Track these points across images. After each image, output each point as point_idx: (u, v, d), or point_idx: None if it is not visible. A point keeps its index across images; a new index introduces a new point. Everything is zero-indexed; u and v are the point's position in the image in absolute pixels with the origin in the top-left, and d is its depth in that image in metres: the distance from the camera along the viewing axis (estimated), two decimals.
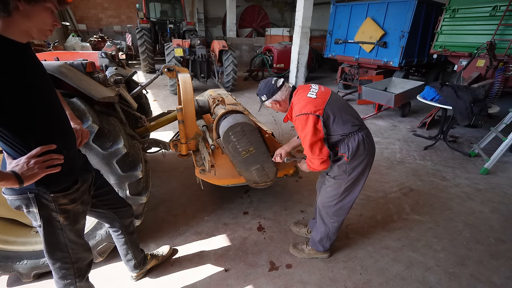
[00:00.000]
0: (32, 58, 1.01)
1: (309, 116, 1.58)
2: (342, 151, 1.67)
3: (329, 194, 1.83)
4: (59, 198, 1.11)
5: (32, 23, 0.91)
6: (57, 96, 1.13)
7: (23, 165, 0.95)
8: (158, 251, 2.02)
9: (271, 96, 1.76)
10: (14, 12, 0.85)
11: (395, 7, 6.07)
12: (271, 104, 1.80)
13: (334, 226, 1.92)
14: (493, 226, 2.53)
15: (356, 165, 1.68)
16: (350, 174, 1.71)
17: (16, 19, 0.87)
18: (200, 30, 13.86)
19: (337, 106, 1.66)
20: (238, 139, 2.01)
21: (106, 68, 2.41)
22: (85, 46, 8.62)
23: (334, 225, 1.92)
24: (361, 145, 1.64)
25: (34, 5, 0.87)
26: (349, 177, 1.72)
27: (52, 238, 1.18)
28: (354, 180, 1.73)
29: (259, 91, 1.81)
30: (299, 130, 1.64)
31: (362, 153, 1.66)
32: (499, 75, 4.37)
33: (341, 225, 1.97)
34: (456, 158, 3.92)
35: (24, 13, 0.87)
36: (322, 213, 1.92)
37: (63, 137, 1.12)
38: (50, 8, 0.92)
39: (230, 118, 2.05)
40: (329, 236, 1.97)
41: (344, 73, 7.45)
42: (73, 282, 1.31)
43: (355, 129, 1.65)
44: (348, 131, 1.64)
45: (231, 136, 1.99)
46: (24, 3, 0.85)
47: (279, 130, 4.72)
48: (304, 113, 1.59)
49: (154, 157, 3.44)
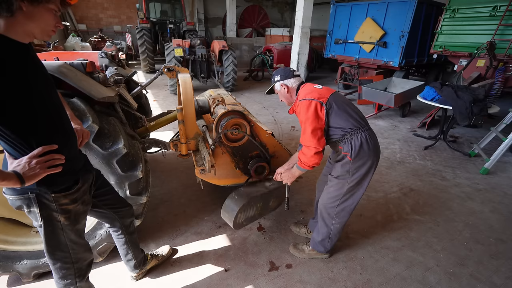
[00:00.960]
0: (34, 59, 1.01)
1: (313, 102, 1.62)
2: (346, 149, 1.67)
3: (332, 195, 1.81)
4: (60, 198, 1.11)
5: (35, 24, 0.91)
6: (58, 97, 1.13)
7: (24, 165, 0.95)
8: (158, 251, 2.02)
9: (284, 79, 1.82)
10: (17, 13, 0.85)
11: (395, 7, 6.07)
12: (280, 86, 1.83)
13: (336, 227, 1.91)
14: (493, 226, 2.53)
15: (360, 165, 1.68)
16: (354, 175, 1.70)
17: (19, 19, 0.87)
18: (200, 30, 13.86)
19: (341, 100, 1.72)
20: (247, 213, 2.09)
21: (106, 68, 2.41)
22: (85, 46, 8.60)
23: (336, 226, 1.90)
24: (365, 144, 1.64)
25: (37, 6, 0.88)
26: (352, 177, 1.71)
27: (52, 238, 1.18)
28: (358, 181, 1.72)
29: (275, 72, 1.87)
30: (301, 115, 1.66)
31: (366, 153, 1.65)
32: (499, 75, 4.36)
33: (344, 226, 1.95)
34: (456, 158, 3.92)
35: (27, 14, 0.87)
36: (323, 214, 1.90)
37: (65, 137, 1.12)
38: (53, 9, 0.92)
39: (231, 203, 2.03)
40: (331, 237, 1.95)
41: (344, 73, 7.45)
42: (73, 282, 1.31)
43: (358, 127, 1.65)
44: (351, 128, 1.65)
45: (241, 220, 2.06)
46: (27, 4, 0.85)
47: (279, 130, 4.72)
48: (308, 99, 1.64)
49: (154, 157, 3.44)
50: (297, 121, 5.21)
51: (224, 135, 2.02)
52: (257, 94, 7.22)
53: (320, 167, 2.07)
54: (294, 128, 4.86)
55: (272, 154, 2.30)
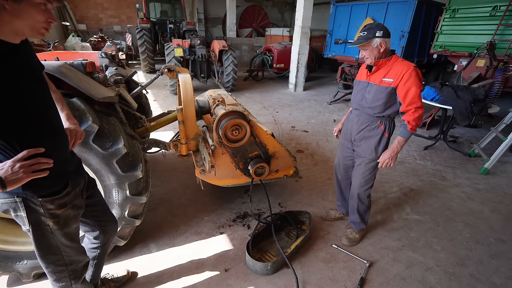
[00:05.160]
0: (24, 59, 0.97)
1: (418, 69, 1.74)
2: (385, 126, 1.91)
3: (368, 178, 2.05)
4: (47, 203, 1.07)
5: (22, 22, 0.86)
6: (50, 97, 1.10)
7: (7, 169, 0.90)
8: (113, 275, 1.80)
9: (386, 37, 1.75)
10: (1, 12, 0.82)
11: (395, 7, 6.06)
12: (379, 42, 1.74)
13: (368, 199, 2.17)
14: (493, 226, 2.53)
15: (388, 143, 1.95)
16: (382, 151, 1.96)
17: (4, 18, 0.83)
18: (200, 30, 13.85)
19: None
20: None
21: (106, 68, 2.41)
22: (85, 46, 8.60)
23: (368, 198, 2.16)
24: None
25: (21, 3, 0.83)
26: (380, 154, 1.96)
27: (42, 241, 1.13)
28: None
29: (375, 26, 1.74)
30: (412, 79, 1.70)
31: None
32: (499, 75, 4.37)
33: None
34: (456, 158, 3.92)
35: (12, 12, 0.83)
36: (361, 196, 2.11)
37: (53, 140, 1.08)
38: (40, 3, 0.86)
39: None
40: (368, 209, 2.21)
41: (344, 73, 7.44)
42: (68, 284, 1.26)
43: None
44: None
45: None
46: (11, 1, 0.81)
47: (279, 130, 4.72)
48: (416, 65, 1.74)
49: (154, 157, 3.44)
50: (297, 121, 5.22)
51: (224, 136, 2.02)
52: (257, 94, 7.22)
53: (320, 166, 2.06)
54: (294, 128, 4.86)
55: (272, 154, 2.31)
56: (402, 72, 1.72)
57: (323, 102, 6.78)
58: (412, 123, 1.76)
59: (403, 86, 1.72)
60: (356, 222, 2.23)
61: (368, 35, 1.73)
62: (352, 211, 2.22)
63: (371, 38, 1.73)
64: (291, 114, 5.67)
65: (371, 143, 1.95)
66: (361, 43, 1.75)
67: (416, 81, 1.71)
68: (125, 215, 1.82)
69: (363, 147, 2.00)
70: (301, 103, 6.57)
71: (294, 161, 2.44)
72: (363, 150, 2.01)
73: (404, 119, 1.80)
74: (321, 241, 2.27)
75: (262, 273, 1.93)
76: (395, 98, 1.81)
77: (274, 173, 2.40)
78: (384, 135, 1.92)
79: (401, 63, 1.77)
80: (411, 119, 1.76)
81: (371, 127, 1.94)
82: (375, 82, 1.85)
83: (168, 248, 2.15)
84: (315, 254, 2.14)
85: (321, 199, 2.82)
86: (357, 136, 2.03)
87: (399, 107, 1.81)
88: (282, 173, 2.43)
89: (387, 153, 1.90)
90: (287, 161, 2.40)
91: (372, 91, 1.86)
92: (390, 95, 1.80)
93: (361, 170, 2.05)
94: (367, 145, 1.98)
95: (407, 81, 1.71)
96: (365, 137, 1.98)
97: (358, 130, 2.00)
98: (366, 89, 1.92)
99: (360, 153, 2.04)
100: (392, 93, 1.79)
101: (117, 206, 1.78)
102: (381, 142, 1.94)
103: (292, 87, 7.81)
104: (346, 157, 2.21)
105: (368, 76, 1.91)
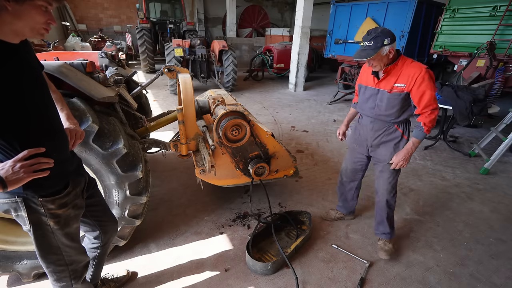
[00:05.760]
0: (24, 59, 0.97)
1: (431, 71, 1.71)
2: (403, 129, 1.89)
3: (393, 183, 2.01)
4: (48, 202, 1.07)
5: (23, 23, 0.87)
6: (50, 97, 1.10)
7: (8, 169, 0.91)
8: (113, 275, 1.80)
9: (393, 42, 1.64)
10: (3, 13, 0.82)
11: (395, 7, 6.07)
12: (388, 50, 1.63)
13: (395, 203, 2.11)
14: (493, 226, 2.53)
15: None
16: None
17: (5, 19, 0.84)
18: (200, 30, 13.85)
19: None
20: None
21: (106, 68, 2.41)
22: (85, 46, 8.61)
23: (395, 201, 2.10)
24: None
25: (23, 3, 0.84)
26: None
27: (43, 241, 1.14)
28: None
29: (381, 33, 1.62)
30: (425, 82, 1.66)
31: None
32: (499, 75, 4.37)
33: None
34: (456, 158, 3.92)
35: (14, 13, 0.84)
36: (390, 202, 2.06)
37: (53, 140, 1.08)
38: (41, 5, 0.87)
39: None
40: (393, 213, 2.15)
41: (344, 73, 7.44)
42: (69, 284, 1.27)
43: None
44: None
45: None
46: (13, 2, 0.82)
47: (279, 130, 4.72)
48: (427, 67, 1.69)
49: (154, 157, 3.44)
50: (297, 121, 5.22)
51: (224, 136, 2.02)
52: (257, 94, 7.22)
53: (320, 166, 2.06)
54: (294, 128, 4.86)
55: (272, 154, 2.31)
56: (415, 76, 1.66)
57: (323, 102, 6.78)
58: (428, 124, 1.73)
59: (417, 91, 1.68)
60: (387, 233, 2.12)
61: (376, 44, 1.61)
62: (381, 222, 2.12)
63: (379, 48, 1.61)
64: (291, 114, 5.67)
65: (390, 146, 1.91)
66: (371, 55, 1.61)
67: (430, 84, 1.66)
68: (125, 215, 1.82)
69: (382, 152, 1.95)
70: (301, 103, 6.57)
71: (294, 161, 2.44)
72: (383, 155, 1.95)
73: (419, 120, 1.77)
74: (321, 241, 2.27)
75: (262, 273, 1.93)
76: (409, 102, 1.78)
77: (274, 173, 2.40)
78: (403, 137, 1.88)
79: (411, 65, 1.70)
80: (427, 121, 1.73)
81: (388, 131, 1.90)
82: (386, 89, 1.77)
83: (168, 248, 2.15)
84: (315, 254, 2.14)
85: (321, 199, 2.82)
86: (374, 142, 1.98)
87: (414, 110, 1.78)
88: (282, 173, 2.43)
89: (401, 154, 1.83)
90: (287, 161, 2.40)
91: (385, 99, 1.80)
92: (404, 100, 1.75)
93: (386, 176, 1.98)
94: (386, 149, 1.93)
95: (421, 85, 1.66)
96: (383, 142, 1.94)
97: (375, 137, 1.95)
98: (376, 96, 1.85)
99: (380, 158, 1.98)
100: (406, 98, 1.75)
101: (117, 206, 1.78)
102: (400, 145, 1.89)
103: (292, 87, 7.82)
104: (357, 162, 2.18)
105: (377, 83, 1.82)
